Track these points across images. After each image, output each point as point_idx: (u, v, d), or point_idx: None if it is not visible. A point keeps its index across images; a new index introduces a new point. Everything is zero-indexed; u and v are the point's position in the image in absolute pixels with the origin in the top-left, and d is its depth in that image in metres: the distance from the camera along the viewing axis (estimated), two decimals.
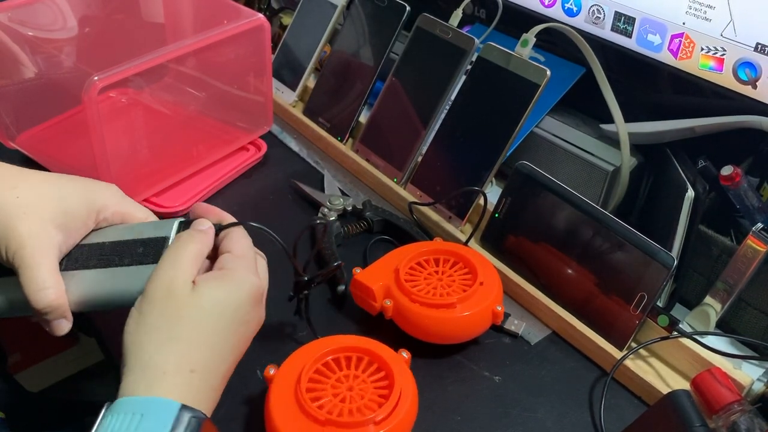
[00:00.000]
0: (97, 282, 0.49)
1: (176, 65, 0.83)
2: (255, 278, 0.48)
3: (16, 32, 0.73)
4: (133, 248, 0.50)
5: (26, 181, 0.49)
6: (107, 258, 0.50)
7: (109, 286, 0.49)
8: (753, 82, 0.59)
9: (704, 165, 0.64)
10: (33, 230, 0.47)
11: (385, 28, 0.81)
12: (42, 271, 0.46)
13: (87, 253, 0.50)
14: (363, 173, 0.80)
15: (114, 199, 0.52)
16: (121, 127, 0.84)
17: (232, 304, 0.46)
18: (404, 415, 0.48)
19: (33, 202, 0.48)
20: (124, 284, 0.49)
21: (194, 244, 0.47)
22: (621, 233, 0.59)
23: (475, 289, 0.58)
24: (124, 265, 0.49)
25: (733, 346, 0.59)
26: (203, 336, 0.44)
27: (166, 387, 0.42)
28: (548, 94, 0.70)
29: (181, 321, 0.44)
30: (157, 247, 0.50)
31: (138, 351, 0.43)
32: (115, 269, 0.49)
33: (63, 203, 0.49)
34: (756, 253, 0.56)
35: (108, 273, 0.49)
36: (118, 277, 0.49)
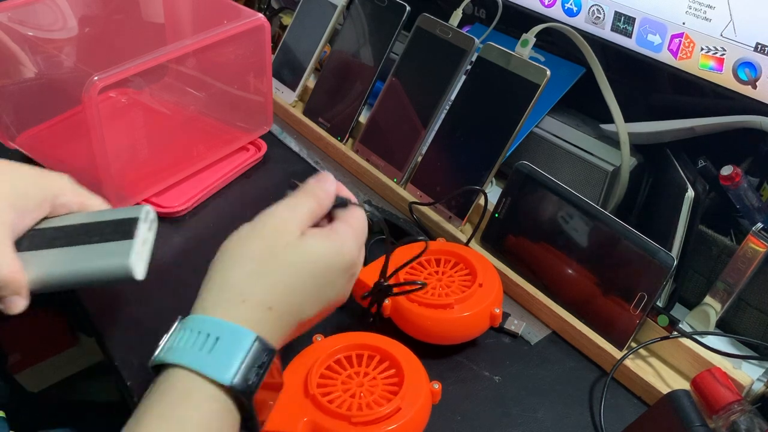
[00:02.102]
0: (64, 260, 0.50)
1: (176, 65, 0.83)
2: (358, 253, 0.49)
3: (16, 32, 0.73)
4: (101, 228, 0.51)
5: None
6: (74, 237, 0.51)
7: (80, 262, 0.50)
8: (753, 82, 0.59)
9: (704, 165, 0.64)
10: None
11: (385, 28, 0.81)
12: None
13: (50, 234, 0.51)
14: (363, 173, 0.80)
15: (68, 187, 0.53)
16: (121, 127, 0.84)
17: (329, 263, 0.46)
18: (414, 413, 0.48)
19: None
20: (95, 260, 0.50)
21: (314, 201, 0.48)
22: (621, 233, 0.59)
23: (474, 291, 0.58)
24: (92, 242, 0.51)
25: (733, 346, 0.59)
26: (292, 279, 0.45)
27: (243, 315, 0.43)
28: (548, 94, 0.70)
29: (277, 259, 0.45)
30: (129, 226, 0.51)
31: (227, 273, 0.45)
32: (84, 246, 0.50)
33: (16, 183, 0.50)
34: (756, 253, 0.56)
35: (76, 250, 0.50)
36: (89, 253, 0.50)
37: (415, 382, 0.49)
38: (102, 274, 0.50)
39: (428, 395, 0.50)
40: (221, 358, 0.40)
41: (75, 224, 0.52)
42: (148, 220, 0.53)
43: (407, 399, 0.48)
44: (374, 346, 0.52)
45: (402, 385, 0.49)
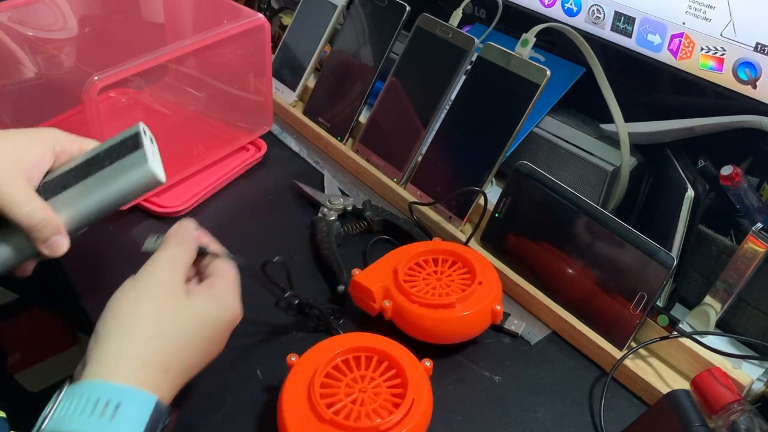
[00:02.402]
0: (87, 191, 0.51)
1: (176, 65, 0.83)
2: (239, 308, 0.50)
3: (16, 32, 0.73)
4: (108, 153, 0.52)
5: None
6: (87, 170, 0.52)
7: (104, 186, 0.51)
8: (753, 81, 0.59)
9: (704, 165, 0.64)
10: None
11: (385, 28, 0.81)
12: (22, 195, 0.49)
13: (61, 179, 0.52)
14: (363, 173, 0.80)
15: (62, 135, 0.54)
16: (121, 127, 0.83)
17: (217, 322, 0.48)
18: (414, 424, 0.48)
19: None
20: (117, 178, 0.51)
21: (187, 250, 0.49)
22: (621, 233, 0.59)
23: (474, 289, 0.58)
24: (106, 167, 0.52)
25: (733, 346, 0.59)
26: (187, 341, 0.46)
27: (143, 380, 0.43)
28: (548, 94, 0.70)
29: (171, 321, 0.45)
30: (133, 140, 0.52)
31: (123, 338, 0.44)
32: (100, 173, 0.51)
33: (16, 143, 0.51)
34: (756, 253, 0.56)
35: (94, 179, 0.51)
36: (107, 175, 0.51)
37: (417, 379, 0.50)
38: (128, 188, 0.51)
39: (428, 385, 0.50)
40: (124, 425, 0.40)
41: (81, 161, 0.53)
42: (147, 134, 0.54)
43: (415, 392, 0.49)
44: (367, 347, 0.52)
45: (406, 387, 0.49)
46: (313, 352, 0.52)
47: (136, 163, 0.51)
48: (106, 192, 0.52)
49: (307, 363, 0.51)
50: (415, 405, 0.48)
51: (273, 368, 0.57)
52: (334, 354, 0.52)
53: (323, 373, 0.50)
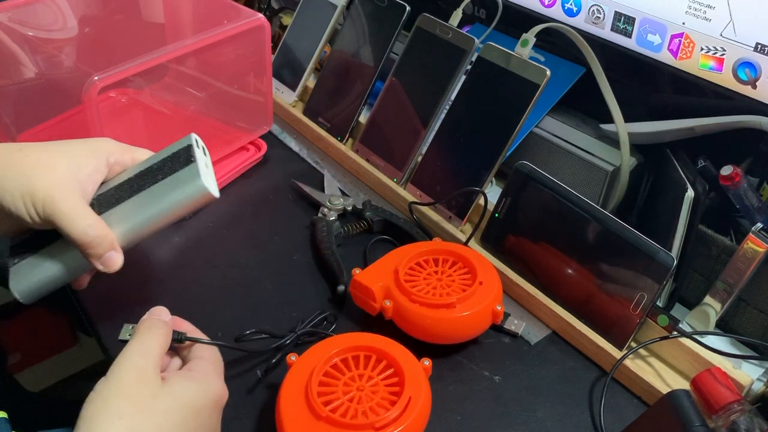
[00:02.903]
0: (141, 205, 0.51)
1: (176, 65, 0.83)
2: (222, 386, 0.47)
3: (16, 32, 0.73)
4: (160, 167, 0.52)
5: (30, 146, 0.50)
6: (139, 184, 0.52)
7: (157, 201, 0.51)
8: (753, 82, 0.59)
9: (704, 165, 0.64)
10: (54, 180, 0.48)
11: (385, 28, 0.81)
12: (77, 211, 0.49)
13: (114, 192, 0.52)
14: (363, 173, 0.80)
15: (115, 146, 0.54)
16: (121, 127, 0.84)
17: (199, 405, 0.45)
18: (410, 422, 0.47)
19: (43, 158, 0.49)
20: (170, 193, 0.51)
21: (161, 336, 0.46)
22: (621, 233, 0.59)
23: (475, 289, 0.58)
24: (159, 181, 0.51)
25: (733, 346, 0.59)
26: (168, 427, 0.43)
27: None
28: (548, 94, 0.70)
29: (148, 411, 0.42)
30: (185, 154, 0.52)
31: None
32: (153, 187, 0.51)
33: (71, 154, 0.51)
34: (756, 253, 0.56)
35: (147, 193, 0.51)
36: (160, 190, 0.51)
37: (415, 378, 0.50)
38: (181, 203, 0.51)
39: (427, 384, 0.50)
40: None
41: (133, 175, 0.53)
42: (200, 145, 0.54)
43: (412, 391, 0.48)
44: (366, 346, 0.52)
45: (403, 385, 0.49)
46: (313, 352, 0.52)
47: (188, 177, 0.51)
48: (158, 207, 0.52)
49: (306, 362, 0.51)
50: (411, 403, 0.48)
51: (273, 368, 0.57)
52: (332, 353, 0.52)
53: (321, 372, 0.50)
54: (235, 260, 0.68)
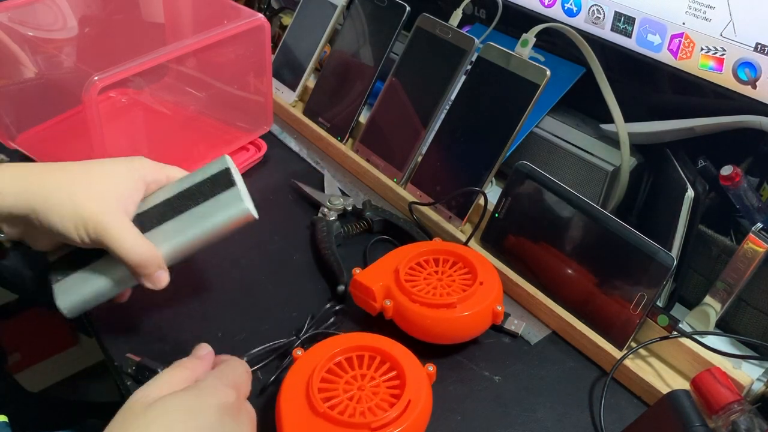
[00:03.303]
0: (185, 226, 0.54)
1: (176, 65, 0.83)
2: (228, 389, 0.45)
3: (16, 32, 0.73)
4: (200, 188, 0.55)
5: (73, 170, 0.52)
6: (181, 205, 0.54)
7: (201, 223, 0.54)
8: (753, 82, 0.59)
9: (704, 165, 0.64)
10: (102, 207, 0.51)
11: (385, 28, 0.81)
12: (128, 233, 0.51)
13: (156, 212, 0.54)
14: (363, 173, 0.80)
15: (149, 165, 0.56)
16: (121, 127, 0.84)
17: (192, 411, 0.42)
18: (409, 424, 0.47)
19: (88, 180, 0.52)
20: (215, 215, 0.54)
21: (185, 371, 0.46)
22: (621, 233, 0.59)
23: (475, 289, 0.58)
24: (201, 203, 0.54)
25: (733, 346, 0.59)
26: None
27: None
28: (548, 94, 0.70)
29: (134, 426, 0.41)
30: (225, 177, 0.55)
31: None
32: (196, 208, 0.54)
33: (112, 175, 0.53)
34: (756, 253, 0.56)
35: (190, 214, 0.54)
36: (204, 212, 0.54)
37: (416, 382, 0.49)
38: (224, 225, 0.54)
39: (429, 389, 0.50)
40: None
41: (172, 195, 0.55)
42: (233, 166, 0.57)
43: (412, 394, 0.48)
44: (371, 346, 0.52)
45: (404, 388, 0.49)
46: (317, 348, 0.52)
47: (231, 201, 0.54)
48: (202, 228, 0.54)
49: (309, 358, 0.51)
50: (411, 406, 0.48)
51: (273, 368, 0.57)
52: (336, 351, 0.52)
53: (324, 369, 0.50)
54: (235, 260, 0.68)
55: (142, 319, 0.61)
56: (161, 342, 0.59)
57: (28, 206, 0.50)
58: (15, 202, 0.50)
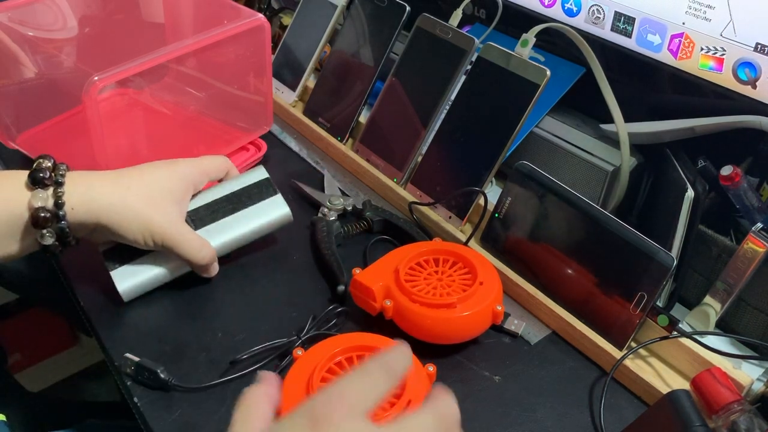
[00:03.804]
0: (236, 224, 0.64)
1: (176, 65, 0.83)
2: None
3: (16, 32, 0.73)
4: (247, 193, 0.66)
5: (133, 180, 0.59)
6: (231, 207, 0.65)
7: (250, 222, 0.65)
8: (753, 82, 0.59)
9: (704, 165, 0.64)
10: (164, 215, 0.58)
11: (385, 28, 0.81)
12: (192, 239, 0.60)
13: (207, 211, 0.64)
14: (363, 173, 0.80)
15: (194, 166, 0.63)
16: (121, 127, 0.84)
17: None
18: None
19: (149, 194, 0.58)
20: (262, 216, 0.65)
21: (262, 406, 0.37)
22: (621, 233, 0.59)
23: (475, 289, 0.58)
24: (249, 206, 0.65)
25: (733, 346, 0.59)
26: None
27: None
28: (548, 94, 0.70)
29: None
30: (266, 185, 0.67)
31: None
32: (245, 210, 0.65)
33: (166, 187, 0.60)
34: (756, 253, 0.56)
35: (240, 215, 0.64)
36: (252, 214, 0.65)
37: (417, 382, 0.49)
38: (270, 226, 0.66)
39: (429, 389, 0.50)
40: None
41: (221, 197, 0.65)
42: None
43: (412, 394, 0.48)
44: (371, 346, 0.52)
45: (404, 387, 0.49)
46: (317, 349, 0.52)
47: (276, 206, 0.66)
48: (250, 227, 0.65)
49: (309, 358, 0.51)
50: (411, 406, 0.48)
51: (272, 368, 0.57)
52: (336, 351, 0.52)
53: (324, 369, 0.50)
54: (235, 260, 0.68)
55: (142, 319, 0.61)
56: (161, 342, 0.59)
57: (96, 219, 0.56)
58: (85, 216, 0.56)
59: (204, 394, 0.54)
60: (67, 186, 0.55)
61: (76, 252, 0.60)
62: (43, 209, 0.54)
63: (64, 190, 0.55)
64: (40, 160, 0.56)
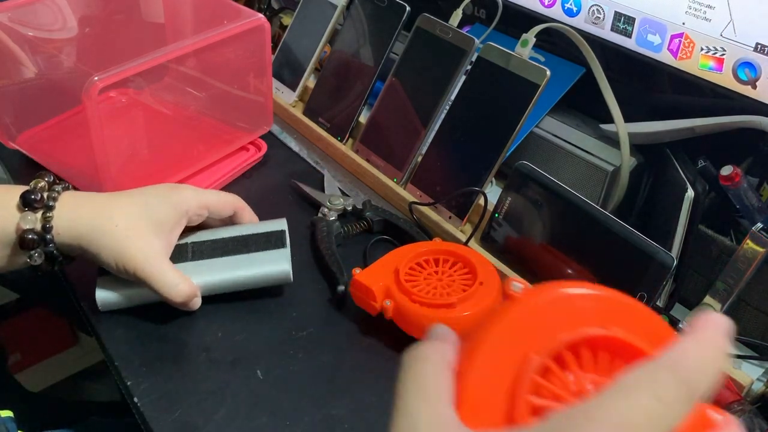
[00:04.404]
0: (229, 266, 0.60)
1: (176, 65, 0.83)
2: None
3: (16, 32, 0.73)
4: (255, 239, 0.62)
5: (118, 208, 0.57)
6: (232, 248, 0.61)
7: (244, 268, 0.60)
8: (753, 82, 0.59)
9: (704, 165, 0.64)
10: (141, 248, 0.56)
11: (385, 28, 0.81)
12: (166, 275, 0.57)
13: (209, 246, 0.61)
14: (363, 173, 0.80)
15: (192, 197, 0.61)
16: (121, 127, 0.84)
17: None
18: None
19: (130, 224, 0.57)
20: (258, 266, 0.60)
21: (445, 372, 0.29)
22: (621, 233, 0.59)
23: (475, 289, 0.58)
24: (251, 251, 0.61)
25: (733, 346, 0.59)
26: None
27: None
28: (548, 94, 0.70)
29: None
30: (279, 237, 0.62)
31: None
32: (245, 255, 0.61)
33: (154, 216, 0.58)
34: (756, 254, 0.56)
35: (238, 258, 0.60)
36: (250, 260, 0.60)
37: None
38: (264, 277, 0.60)
39: None
40: None
41: (228, 237, 0.62)
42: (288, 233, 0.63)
43: None
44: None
45: None
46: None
47: (278, 259, 0.61)
48: (243, 273, 0.60)
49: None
50: None
51: (273, 368, 0.57)
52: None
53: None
54: None
55: (142, 319, 0.61)
56: (161, 342, 0.59)
57: (78, 244, 0.56)
58: (69, 240, 0.56)
59: (204, 394, 0.54)
60: (58, 209, 0.56)
61: None
62: (32, 231, 0.55)
63: (53, 214, 0.55)
64: (37, 178, 0.57)
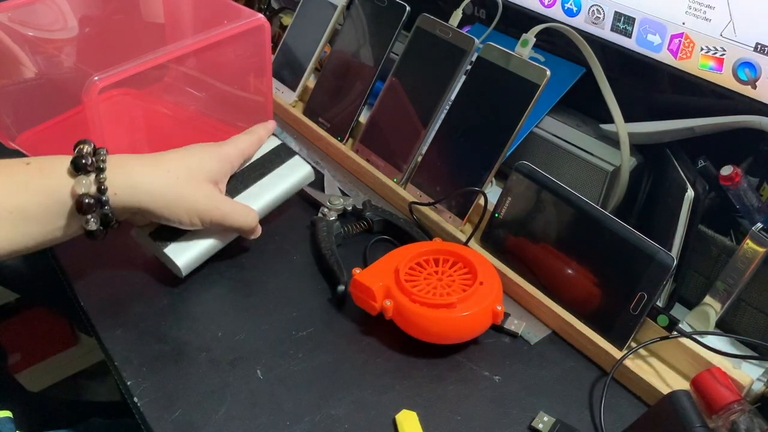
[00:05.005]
0: (266, 188, 0.68)
1: (176, 65, 0.83)
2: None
3: (16, 32, 0.73)
4: (269, 160, 0.70)
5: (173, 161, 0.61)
6: (256, 173, 0.69)
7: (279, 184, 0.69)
8: (753, 82, 0.59)
9: (704, 165, 0.64)
10: (207, 195, 0.61)
11: (385, 28, 0.81)
12: (237, 209, 0.63)
13: (236, 181, 0.67)
14: (363, 173, 0.80)
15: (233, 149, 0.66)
16: (121, 127, 0.83)
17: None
18: None
19: (191, 175, 0.61)
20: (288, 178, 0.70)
21: None
22: (621, 233, 0.59)
23: (475, 289, 0.58)
24: (273, 170, 0.70)
25: (733, 346, 0.59)
26: None
27: None
28: (548, 94, 0.70)
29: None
30: (285, 149, 0.72)
31: None
32: (271, 174, 0.69)
33: (206, 167, 0.62)
34: (755, 254, 0.56)
35: (268, 179, 0.69)
36: (279, 176, 0.70)
37: None
38: (296, 186, 0.71)
39: None
40: None
41: (246, 167, 0.69)
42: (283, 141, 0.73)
43: None
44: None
45: None
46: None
47: (297, 166, 0.71)
48: (281, 188, 0.69)
49: None
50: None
51: (273, 368, 0.57)
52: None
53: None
54: (235, 260, 0.68)
55: (142, 319, 0.61)
56: (161, 342, 0.59)
57: (138, 203, 0.58)
58: (128, 201, 0.57)
59: (204, 394, 0.55)
60: (109, 171, 0.56)
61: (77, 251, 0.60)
62: (87, 195, 0.55)
63: (106, 175, 0.56)
64: (80, 145, 0.56)
